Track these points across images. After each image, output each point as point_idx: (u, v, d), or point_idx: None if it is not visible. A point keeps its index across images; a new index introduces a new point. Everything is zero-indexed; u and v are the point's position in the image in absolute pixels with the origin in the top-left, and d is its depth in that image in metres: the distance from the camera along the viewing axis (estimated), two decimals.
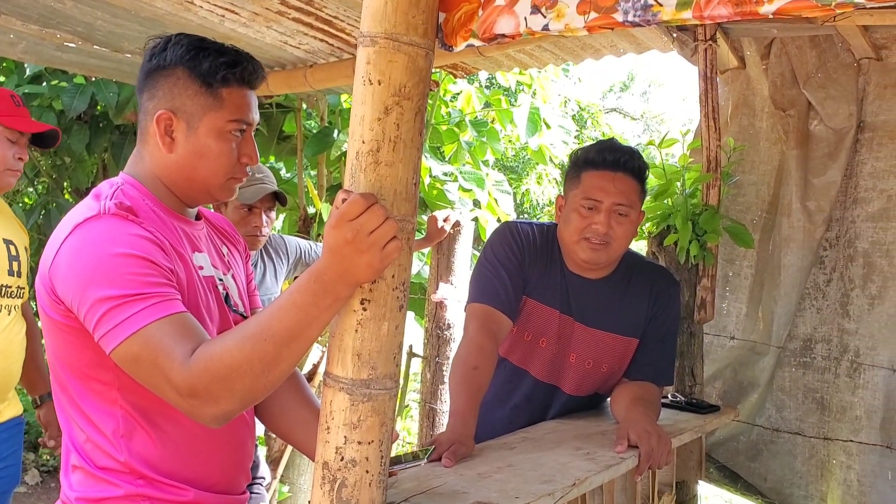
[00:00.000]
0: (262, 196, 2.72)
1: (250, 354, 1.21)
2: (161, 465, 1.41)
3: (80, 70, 4.18)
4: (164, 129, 1.44)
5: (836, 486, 2.70)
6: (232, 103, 1.45)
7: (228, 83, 1.44)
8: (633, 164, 2.09)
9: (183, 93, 1.44)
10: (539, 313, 2.20)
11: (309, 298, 1.20)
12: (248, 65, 1.47)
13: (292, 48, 3.38)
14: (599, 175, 2.08)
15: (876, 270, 2.61)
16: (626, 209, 2.08)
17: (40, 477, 5.07)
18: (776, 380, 2.89)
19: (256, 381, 1.23)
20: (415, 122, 1.25)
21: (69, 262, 1.30)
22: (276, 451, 4.15)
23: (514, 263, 2.17)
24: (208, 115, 1.44)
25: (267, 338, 1.21)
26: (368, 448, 1.24)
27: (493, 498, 1.52)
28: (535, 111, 5.16)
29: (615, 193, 2.07)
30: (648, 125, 20.60)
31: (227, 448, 1.52)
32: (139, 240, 1.31)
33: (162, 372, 1.23)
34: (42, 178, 5.69)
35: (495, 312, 2.12)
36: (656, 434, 1.93)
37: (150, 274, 1.28)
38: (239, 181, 1.52)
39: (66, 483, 1.46)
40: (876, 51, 2.63)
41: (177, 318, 1.27)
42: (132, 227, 1.33)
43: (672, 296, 2.27)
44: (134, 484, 1.39)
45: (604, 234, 2.07)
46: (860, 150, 2.68)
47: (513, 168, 11.47)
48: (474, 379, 1.99)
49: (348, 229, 1.15)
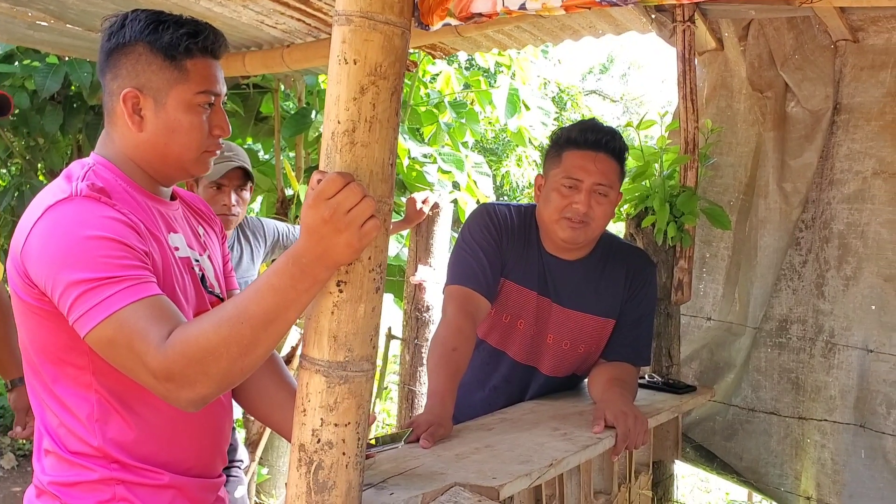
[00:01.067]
0: (231, 174, 2.66)
1: (227, 338, 1.19)
2: (136, 449, 1.40)
3: (53, 49, 4.12)
4: (132, 107, 1.41)
5: (810, 465, 2.73)
6: (198, 74, 1.42)
7: (192, 54, 1.41)
8: (614, 145, 2.10)
9: (147, 69, 1.41)
10: (517, 295, 2.21)
11: (287, 281, 1.19)
12: (209, 33, 1.44)
13: (269, 28, 3.35)
14: (581, 155, 2.09)
15: (851, 252, 2.63)
16: (606, 189, 2.09)
17: (16, 461, 5.03)
18: (752, 360, 2.91)
19: (233, 365, 1.21)
20: (391, 102, 1.23)
21: (41, 245, 1.28)
22: (254, 434, 4.14)
23: (492, 245, 2.18)
24: (175, 88, 1.41)
25: (244, 321, 1.20)
26: (345, 430, 1.24)
27: (471, 479, 1.52)
28: (515, 93, 5.15)
29: (596, 173, 2.07)
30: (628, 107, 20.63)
31: (203, 432, 1.51)
32: (112, 222, 1.29)
33: (137, 355, 1.22)
34: (15, 159, 5.61)
35: (473, 294, 2.13)
36: (633, 415, 1.94)
37: (123, 257, 1.26)
38: (213, 154, 1.50)
39: (39, 467, 1.44)
40: (853, 32, 2.64)
41: (152, 300, 1.25)
42: (105, 210, 1.30)
43: (648, 277, 2.28)
44: (108, 468, 1.38)
45: (584, 214, 2.07)
46: (836, 132, 2.69)
47: (492, 150, 11.46)
48: (452, 360, 1.99)
49: (325, 208, 1.14)
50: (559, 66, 13.44)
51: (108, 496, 1.38)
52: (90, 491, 1.38)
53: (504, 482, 1.52)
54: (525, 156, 11.22)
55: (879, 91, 2.61)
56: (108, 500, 1.38)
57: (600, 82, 20.87)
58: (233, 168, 2.66)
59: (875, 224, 2.58)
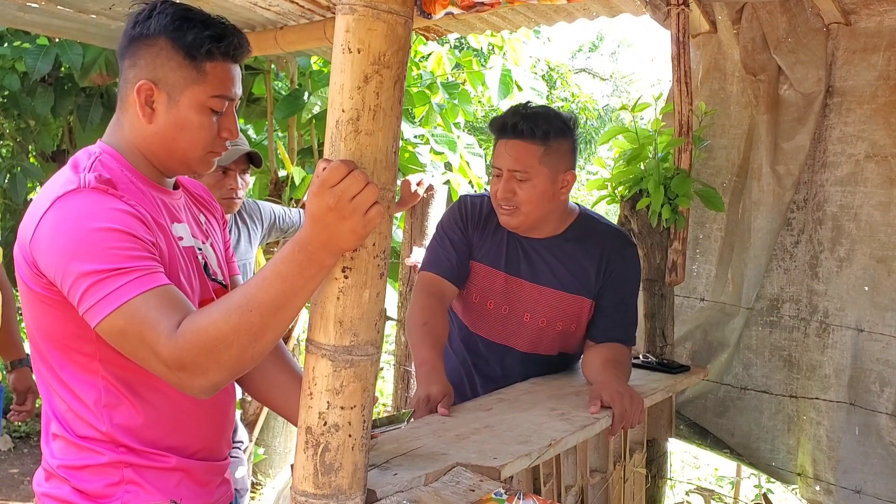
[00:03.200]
0: (238, 159, 2.70)
1: (237, 326, 1.21)
2: (144, 434, 1.42)
3: (44, 31, 4.09)
4: (145, 99, 1.42)
5: (806, 441, 2.78)
6: (215, 78, 1.42)
7: (213, 57, 1.41)
8: (524, 128, 2.10)
9: (165, 64, 1.41)
10: (484, 275, 2.29)
11: (294, 268, 1.21)
12: (233, 39, 1.44)
13: (262, 10, 3.34)
14: (500, 143, 2.17)
15: (844, 234, 2.66)
16: (522, 174, 2.12)
17: (13, 443, 5.05)
18: (743, 339, 2.95)
19: (244, 352, 1.24)
20: (394, 91, 1.24)
21: (51, 237, 1.29)
22: (251, 415, 4.17)
23: (458, 233, 2.30)
24: (190, 88, 1.41)
25: (253, 308, 1.22)
26: (351, 413, 1.26)
27: (472, 459, 1.55)
28: (507, 73, 5.14)
29: (509, 160, 2.13)
30: (617, 85, 20.59)
31: (209, 416, 1.53)
32: (120, 214, 1.30)
33: (148, 345, 1.24)
34: (6, 141, 5.58)
35: (439, 279, 2.27)
36: (629, 395, 1.98)
37: (132, 248, 1.28)
38: (217, 155, 1.50)
39: (48, 451, 1.46)
40: (845, 16, 2.65)
41: (161, 290, 1.27)
42: (113, 202, 1.32)
43: (627, 257, 2.30)
44: (116, 452, 1.40)
45: (504, 199, 2.15)
46: (829, 115, 2.71)
47: (482, 129, 11.43)
48: (427, 332, 2.14)
49: (330, 196, 1.16)
50: (548, 45, 13.39)
51: (117, 479, 1.41)
52: (99, 474, 1.41)
53: (505, 462, 1.55)
54: None
55: (872, 74, 2.62)
56: (117, 482, 1.41)
57: (590, 60, 20.80)
58: (241, 154, 2.71)
59: (868, 206, 2.61)
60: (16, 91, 4.72)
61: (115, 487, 1.41)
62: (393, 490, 1.39)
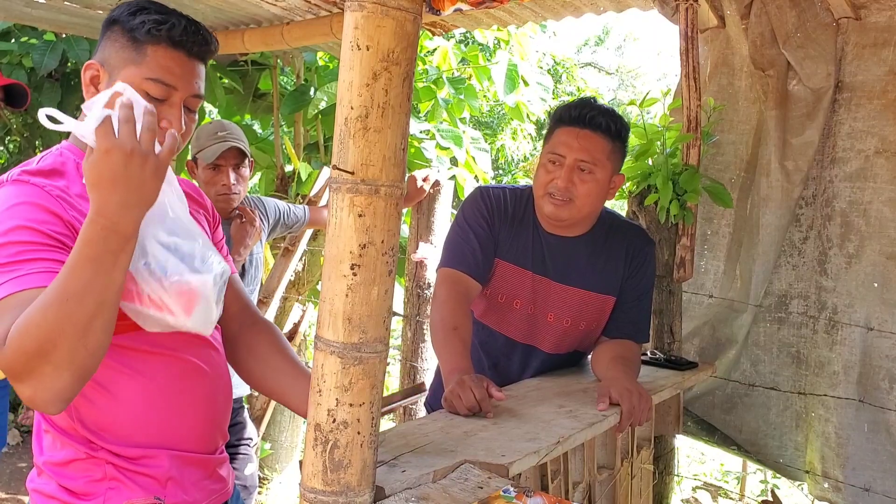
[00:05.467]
0: (226, 154, 2.67)
1: (57, 320, 1.13)
2: (116, 429, 1.39)
3: (51, 26, 4.09)
4: (90, 79, 1.41)
5: (814, 438, 2.78)
6: (155, 62, 1.38)
7: (155, 40, 1.38)
8: (600, 121, 2.08)
9: (112, 45, 1.40)
10: (511, 275, 2.23)
11: (98, 247, 1.15)
12: (178, 23, 1.40)
13: (269, 5, 3.34)
14: (566, 131, 2.10)
15: (853, 230, 2.65)
16: (588, 166, 2.08)
17: (21, 437, 5.07)
18: (751, 335, 2.94)
19: (76, 348, 1.15)
20: (403, 88, 1.24)
21: None
22: (258, 410, 4.18)
23: (484, 227, 2.20)
24: (127, 67, 1.38)
25: (69, 298, 1.14)
26: (360, 410, 1.26)
27: (480, 456, 1.55)
28: (514, 68, 5.13)
29: (577, 149, 2.07)
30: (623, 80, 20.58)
31: (196, 407, 1.49)
32: (28, 207, 1.27)
33: None
34: (13, 136, 5.58)
35: (464, 276, 2.17)
36: (637, 392, 1.97)
37: (28, 244, 1.24)
38: None
39: (37, 448, 1.45)
40: (855, 10, 2.64)
41: (32, 293, 1.18)
42: (29, 192, 1.29)
43: (648, 255, 2.29)
44: (92, 447, 1.38)
45: (563, 190, 2.08)
46: (838, 111, 2.70)
47: (487, 124, 11.42)
48: (457, 337, 2.04)
49: (120, 143, 1.13)
50: (554, 39, 13.36)
51: (99, 476, 1.39)
52: (81, 471, 1.39)
53: (513, 459, 1.55)
54: (521, 129, 11.18)
55: (881, 69, 2.61)
56: (99, 479, 1.39)
57: (596, 55, 20.79)
58: (228, 148, 2.67)
59: (877, 202, 2.59)
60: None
61: (98, 484, 1.38)
62: (401, 487, 1.39)
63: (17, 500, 4.32)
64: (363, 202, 1.22)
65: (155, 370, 1.42)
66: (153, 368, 1.42)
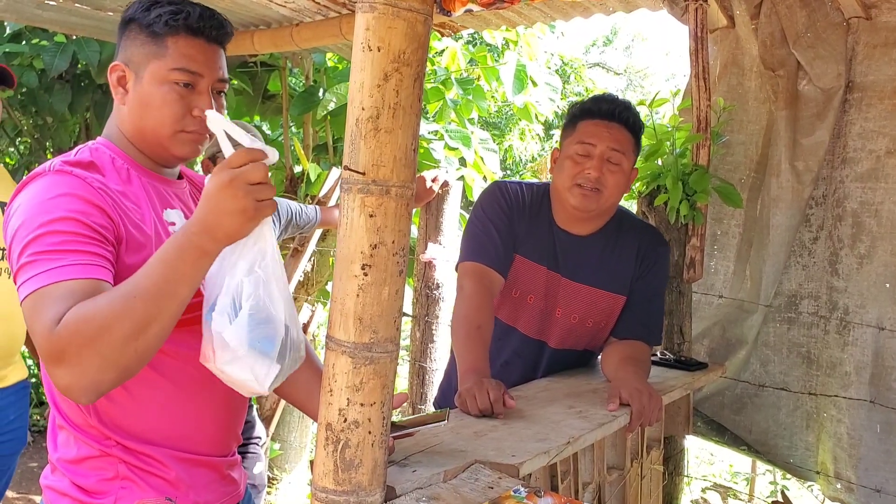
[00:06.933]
0: None
1: (120, 312, 1.14)
2: (133, 427, 1.40)
3: (61, 28, 4.11)
4: (117, 80, 1.45)
5: (826, 439, 2.76)
6: (177, 52, 1.42)
7: (174, 31, 1.41)
8: (627, 116, 2.12)
9: (133, 44, 1.44)
10: (527, 270, 2.23)
11: (174, 252, 1.17)
12: (192, 12, 1.43)
13: (278, 6, 3.35)
14: (594, 123, 2.12)
15: (865, 230, 2.64)
16: (618, 156, 2.10)
17: (31, 437, 5.09)
18: (761, 335, 2.93)
19: (126, 345, 1.15)
20: (414, 89, 1.24)
21: (12, 221, 1.30)
22: (268, 409, 4.19)
23: (504, 221, 2.21)
24: (151, 63, 1.42)
25: (136, 294, 1.15)
26: (371, 409, 1.26)
27: (491, 456, 1.55)
28: (522, 68, 5.13)
29: (609, 139, 2.10)
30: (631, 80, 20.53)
31: (211, 409, 1.50)
32: (72, 198, 1.28)
33: (38, 335, 1.17)
34: (24, 138, 5.61)
35: (488, 270, 2.17)
36: (647, 393, 1.97)
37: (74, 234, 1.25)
38: (195, 135, 1.47)
39: (52, 444, 1.46)
40: (865, 10, 2.62)
41: (78, 284, 1.20)
42: (73, 183, 1.30)
43: (661, 255, 2.29)
44: (106, 444, 1.39)
45: (595, 180, 2.09)
46: (849, 111, 2.69)
47: (495, 124, 11.41)
48: (480, 336, 2.04)
49: (227, 174, 1.14)
50: (562, 39, 13.34)
51: (111, 474, 1.39)
52: (95, 469, 1.40)
53: (523, 460, 1.55)
54: (528, 129, 11.17)
55: (893, 69, 2.59)
56: (111, 478, 1.39)
57: (604, 55, 20.77)
58: None
59: (889, 203, 2.58)
60: (34, 88, 4.75)
61: (110, 483, 1.39)
62: (412, 487, 1.39)
63: (28, 500, 4.35)
64: (374, 203, 1.23)
65: (175, 372, 1.43)
66: (173, 370, 1.43)
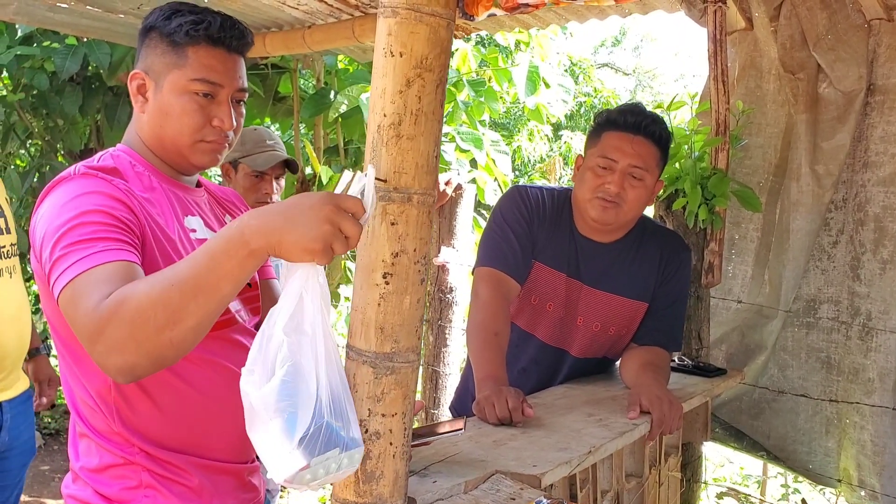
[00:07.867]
0: (274, 164, 2.72)
1: (156, 300, 1.11)
2: (157, 435, 1.40)
3: (73, 31, 4.11)
4: (137, 88, 1.45)
5: (849, 446, 2.73)
6: (197, 62, 1.42)
7: (194, 41, 1.41)
8: (653, 129, 2.09)
9: (153, 52, 1.44)
10: (546, 277, 2.21)
11: (222, 244, 1.11)
12: (216, 23, 1.42)
13: (290, 9, 3.33)
14: (618, 136, 2.08)
15: (888, 235, 2.60)
16: (641, 172, 2.08)
17: (42, 440, 5.09)
18: (779, 340, 2.90)
19: (160, 333, 1.11)
20: (436, 95, 1.22)
21: (38, 224, 1.30)
22: None
23: (523, 227, 2.18)
24: (172, 72, 1.42)
25: (175, 283, 1.11)
26: (392, 420, 1.24)
27: (511, 466, 1.53)
28: (535, 70, 5.11)
29: (632, 155, 2.06)
30: (640, 80, 20.46)
31: (233, 417, 1.44)
32: (99, 195, 1.30)
33: (80, 315, 1.16)
34: (35, 140, 5.61)
35: (504, 276, 2.14)
36: (668, 400, 1.95)
37: (103, 225, 1.26)
38: (214, 145, 1.47)
39: (73, 453, 1.46)
40: (887, 11, 2.58)
41: (115, 266, 1.20)
42: (98, 184, 1.32)
43: (683, 261, 2.27)
44: (130, 451, 1.39)
45: (615, 194, 2.07)
46: (870, 114, 2.65)
47: (504, 125, 11.40)
48: (496, 343, 2.02)
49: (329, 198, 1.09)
50: (571, 40, 13.32)
51: (135, 483, 1.39)
52: (118, 477, 1.39)
53: (545, 470, 1.53)
54: (537, 130, 11.15)
55: None
56: (135, 486, 1.39)
57: (612, 55, 20.71)
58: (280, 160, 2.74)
59: None
60: (44, 90, 4.75)
61: (134, 492, 1.39)
62: (433, 498, 1.37)
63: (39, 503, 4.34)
64: (396, 210, 1.21)
65: (198, 378, 1.43)
66: (195, 376, 1.43)
